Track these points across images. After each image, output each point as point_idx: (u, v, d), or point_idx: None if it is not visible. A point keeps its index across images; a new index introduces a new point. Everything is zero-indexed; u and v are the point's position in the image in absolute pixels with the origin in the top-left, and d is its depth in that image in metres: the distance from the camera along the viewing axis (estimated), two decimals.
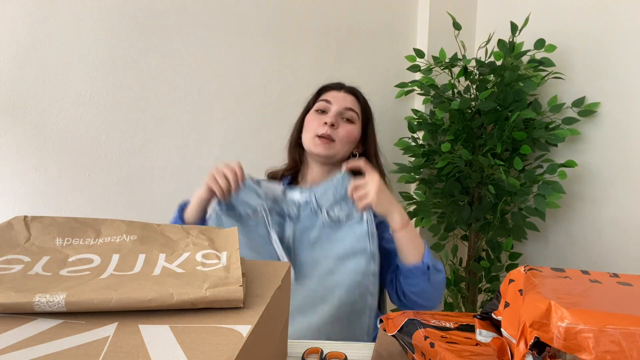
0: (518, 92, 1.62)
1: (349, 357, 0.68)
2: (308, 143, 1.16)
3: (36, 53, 1.27)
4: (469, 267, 1.81)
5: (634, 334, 0.38)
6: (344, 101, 1.18)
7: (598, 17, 1.65)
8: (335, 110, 1.15)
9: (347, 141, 1.16)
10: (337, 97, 1.18)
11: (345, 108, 1.16)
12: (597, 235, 1.71)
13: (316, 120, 1.16)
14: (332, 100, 1.17)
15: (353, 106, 1.18)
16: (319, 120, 1.15)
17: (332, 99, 1.18)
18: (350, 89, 1.23)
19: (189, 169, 1.53)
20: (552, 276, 0.49)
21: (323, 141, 1.12)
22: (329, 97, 1.19)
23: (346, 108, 1.17)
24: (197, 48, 1.50)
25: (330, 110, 1.16)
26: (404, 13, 1.95)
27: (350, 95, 1.21)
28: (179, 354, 0.37)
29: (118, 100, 1.39)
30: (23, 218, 0.55)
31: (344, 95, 1.20)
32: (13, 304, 0.41)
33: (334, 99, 1.18)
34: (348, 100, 1.19)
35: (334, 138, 1.13)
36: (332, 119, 1.13)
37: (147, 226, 0.58)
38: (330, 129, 1.12)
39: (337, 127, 1.14)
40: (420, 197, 1.81)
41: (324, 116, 1.16)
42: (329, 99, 1.18)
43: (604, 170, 1.67)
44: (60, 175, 1.34)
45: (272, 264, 0.61)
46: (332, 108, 1.16)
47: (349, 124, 1.16)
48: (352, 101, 1.20)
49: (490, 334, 0.49)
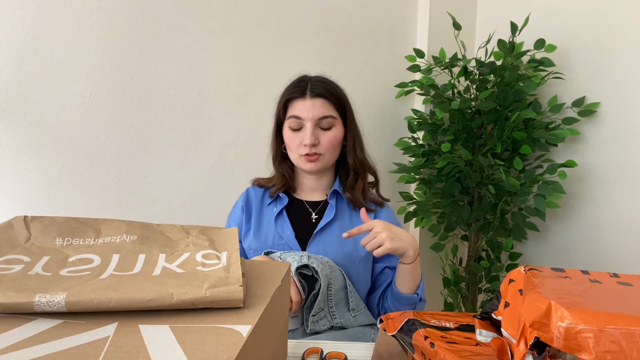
0: (518, 92, 1.62)
1: (349, 357, 0.68)
2: (297, 161, 1.11)
3: (36, 53, 1.27)
4: (469, 267, 1.81)
5: (634, 334, 0.38)
6: (314, 110, 1.07)
7: (598, 17, 1.65)
8: (310, 127, 1.07)
9: (333, 148, 1.10)
10: (305, 108, 1.07)
11: (320, 118, 1.07)
12: (597, 235, 1.71)
13: (295, 139, 1.09)
14: (302, 115, 1.07)
15: (326, 111, 1.08)
16: (298, 139, 1.08)
17: (302, 113, 1.07)
18: (316, 91, 1.09)
19: (189, 169, 1.53)
20: (552, 276, 0.49)
21: (310, 159, 1.08)
22: (298, 111, 1.08)
23: (320, 118, 1.07)
24: (197, 48, 1.50)
25: (305, 126, 1.07)
26: (404, 13, 1.95)
27: (318, 99, 1.08)
28: (179, 354, 0.37)
29: (118, 100, 1.39)
30: (23, 218, 0.55)
31: (312, 103, 1.08)
32: (13, 304, 0.41)
33: (304, 113, 1.07)
34: (317, 107, 1.08)
35: (319, 152, 1.08)
36: (311, 139, 1.06)
37: (147, 226, 0.58)
38: (314, 147, 1.07)
39: (318, 143, 1.08)
40: (420, 197, 1.81)
41: (300, 134, 1.08)
42: (298, 114, 1.08)
43: (604, 170, 1.67)
44: (60, 175, 1.34)
45: (272, 264, 0.61)
46: (305, 124, 1.07)
47: (329, 130, 1.09)
48: (322, 106, 1.08)
49: (490, 334, 0.49)
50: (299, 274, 0.93)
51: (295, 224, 1.11)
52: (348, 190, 1.14)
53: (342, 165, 1.17)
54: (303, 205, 1.15)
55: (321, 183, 1.16)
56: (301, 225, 1.12)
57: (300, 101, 1.09)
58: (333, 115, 1.09)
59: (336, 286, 0.99)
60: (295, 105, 1.09)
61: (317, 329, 0.95)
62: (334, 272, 1.00)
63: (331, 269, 0.99)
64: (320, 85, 1.10)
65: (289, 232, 1.10)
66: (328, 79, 1.14)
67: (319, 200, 1.16)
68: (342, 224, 1.11)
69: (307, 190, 1.17)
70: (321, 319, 0.96)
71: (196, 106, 1.52)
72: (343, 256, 1.07)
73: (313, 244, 1.08)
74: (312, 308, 0.94)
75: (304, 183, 1.17)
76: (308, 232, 1.10)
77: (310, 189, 1.17)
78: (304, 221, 1.13)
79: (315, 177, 1.15)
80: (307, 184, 1.17)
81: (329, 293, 0.97)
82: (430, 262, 2.00)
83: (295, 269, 0.92)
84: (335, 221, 1.11)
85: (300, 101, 1.09)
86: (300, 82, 1.12)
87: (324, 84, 1.11)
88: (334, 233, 1.09)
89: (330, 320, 0.97)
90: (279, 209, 1.13)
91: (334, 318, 0.97)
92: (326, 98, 1.09)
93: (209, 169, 1.57)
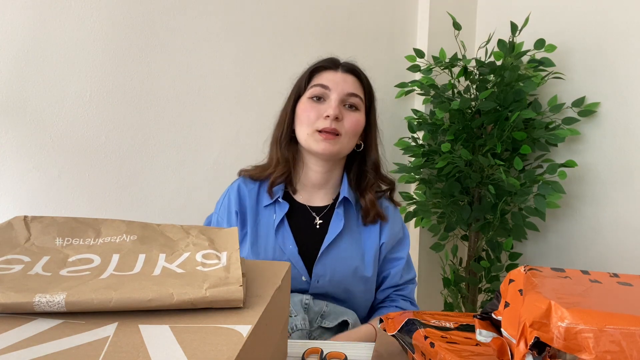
0: (518, 92, 1.62)
1: (349, 357, 0.68)
2: (307, 139, 0.97)
3: (36, 53, 1.27)
4: (469, 267, 1.81)
5: (634, 334, 0.38)
6: (345, 84, 0.98)
7: (598, 17, 1.65)
8: (336, 98, 0.96)
9: (354, 134, 0.99)
10: (335, 80, 0.98)
11: (348, 94, 0.97)
12: (597, 235, 1.71)
13: (314, 111, 0.96)
14: (331, 85, 0.97)
15: (356, 90, 0.99)
16: (317, 111, 0.96)
17: (330, 82, 0.98)
18: (349, 67, 1.02)
19: (189, 168, 1.53)
20: (552, 276, 0.49)
21: (327, 136, 0.95)
22: (326, 80, 0.98)
23: (348, 94, 0.98)
24: (197, 48, 1.50)
25: (330, 98, 0.97)
26: (404, 13, 1.94)
27: (350, 75, 1.00)
28: (179, 354, 0.37)
29: (118, 100, 1.39)
30: (23, 218, 0.55)
31: (343, 77, 0.99)
32: (13, 304, 0.41)
33: (332, 83, 0.97)
34: (349, 82, 0.99)
35: (339, 132, 0.96)
36: (336, 111, 0.94)
37: (147, 226, 0.58)
38: (335, 122, 0.95)
39: (341, 119, 0.96)
40: (420, 197, 1.81)
41: (322, 105, 0.97)
42: (325, 83, 0.98)
43: (604, 170, 1.67)
44: (60, 175, 1.34)
45: (272, 264, 0.61)
46: (331, 95, 0.97)
47: (353, 112, 0.98)
48: (353, 83, 1.00)
49: (490, 334, 0.49)
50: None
51: (297, 234, 0.99)
52: (367, 193, 1.02)
53: (353, 166, 1.06)
54: (305, 210, 1.02)
55: (329, 178, 1.03)
56: (304, 235, 0.99)
57: (330, 72, 1.00)
58: (361, 97, 1.00)
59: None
60: (324, 75, 1.00)
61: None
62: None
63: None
64: (353, 65, 1.03)
65: (292, 246, 0.97)
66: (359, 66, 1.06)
67: (323, 206, 1.03)
68: (351, 236, 1.00)
69: (311, 189, 1.03)
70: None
71: (196, 106, 1.52)
72: (349, 274, 0.98)
73: (320, 265, 0.97)
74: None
75: (308, 176, 1.03)
76: (313, 246, 0.98)
77: (314, 186, 1.03)
78: (307, 229, 1.00)
79: (322, 170, 1.01)
80: (312, 177, 1.02)
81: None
82: (430, 262, 2.00)
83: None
84: (344, 234, 0.99)
85: (330, 72, 1.00)
86: (332, 57, 1.04)
87: (356, 65, 1.04)
88: (342, 247, 0.98)
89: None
90: (280, 216, 0.98)
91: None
92: (359, 78, 1.01)
93: (209, 169, 1.57)
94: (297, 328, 0.89)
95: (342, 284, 0.98)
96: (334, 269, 0.97)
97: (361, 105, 1.00)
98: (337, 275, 0.97)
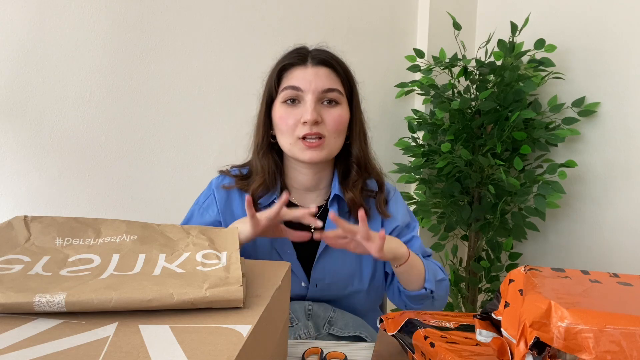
0: (518, 92, 1.62)
1: (349, 357, 0.68)
2: (291, 149, 0.89)
3: (36, 53, 1.27)
4: (469, 267, 1.81)
5: (634, 334, 0.38)
6: (318, 81, 0.87)
7: (598, 17, 1.65)
8: (311, 99, 0.86)
9: (339, 131, 0.90)
10: (307, 77, 0.87)
11: (323, 91, 0.87)
12: (597, 235, 1.71)
13: (290, 117, 0.87)
14: (302, 85, 0.87)
15: (332, 83, 0.88)
16: (293, 116, 0.87)
17: (301, 82, 0.87)
18: (319, 58, 0.89)
19: (189, 169, 1.53)
20: (552, 276, 0.49)
21: (311, 144, 0.86)
22: (296, 80, 0.88)
23: (324, 90, 0.87)
24: (197, 48, 1.50)
25: (305, 99, 0.87)
26: (404, 13, 1.94)
27: (322, 67, 0.89)
28: (179, 354, 0.37)
29: (118, 100, 1.39)
30: (23, 218, 0.55)
31: (315, 71, 0.88)
32: (13, 304, 0.41)
33: (304, 83, 0.87)
34: (322, 77, 0.87)
35: (322, 134, 0.87)
36: (313, 116, 0.85)
37: (147, 226, 0.58)
38: (315, 127, 0.86)
39: (322, 121, 0.87)
40: (420, 197, 1.81)
41: (298, 109, 0.87)
42: (296, 84, 0.87)
43: (604, 170, 1.67)
44: (60, 175, 1.34)
45: (272, 264, 0.61)
46: (305, 97, 0.87)
47: (333, 107, 0.88)
48: (327, 76, 0.88)
49: (490, 334, 0.49)
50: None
51: None
52: (350, 189, 0.93)
53: (342, 160, 0.96)
54: None
55: (319, 180, 0.96)
56: None
57: (299, 69, 0.89)
58: (339, 90, 0.89)
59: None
60: (293, 74, 0.89)
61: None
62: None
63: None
64: (325, 53, 0.91)
65: (290, 251, 0.92)
66: (331, 51, 0.94)
67: (318, 206, 0.97)
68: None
69: (302, 190, 0.96)
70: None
71: (196, 106, 1.52)
72: (348, 275, 0.96)
73: (318, 268, 0.94)
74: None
75: (298, 180, 0.95)
76: (310, 250, 0.94)
77: (305, 188, 0.96)
78: None
79: (313, 172, 0.94)
80: (302, 181, 0.95)
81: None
82: None
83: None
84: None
85: (299, 69, 0.89)
86: (298, 48, 0.92)
87: (328, 53, 0.91)
88: (338, 250, 0.90)
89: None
90: None
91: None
92: (333, 68, 0.89)
93: (209, 169, 1.57)
94: (301, 338, 0.86)
95: (343, 285, 0.96)
96: (333, 271, 0.94)
97: (341, 98, 0.90)
98: (336, 277, 0.94)
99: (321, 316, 0.93)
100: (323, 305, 0.95)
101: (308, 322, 0.90)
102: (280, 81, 0.91)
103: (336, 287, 0.96)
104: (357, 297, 0.98)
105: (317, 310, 0.93)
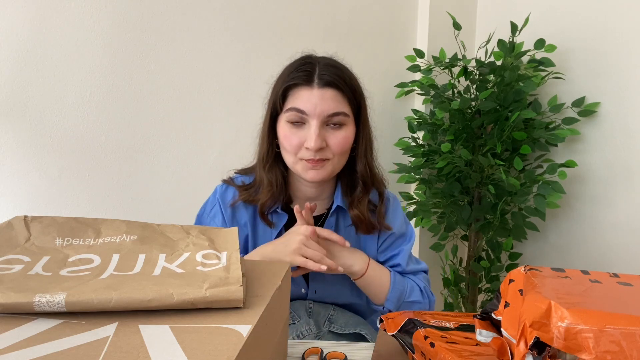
0: (518, 92, 1.62)
1: (349, 357, 0.68)
2: (293, 166, 0.90)
3: (36, 53, 1.27)
4: (469, 267, 1.81)
5: (634, 334, 0.38)
6: (324, 105, 0.85)
7: (598, 17, 1.65)
8: (316, 124, 0.85)
9: (344, 152, 0.90)
10: (312, 101, 0.85)
11: (329, 115, 0.86)
12: (597, 235, 1.71)
13: (295, 137, 0.86)
14: (308, 109, 0.85)
15: (338, 107, 0.86)
16: (298, 138, 0.86)
17: (307, 106, 0.85)
18: (326, 80, 0.86)
19: (189, 169, 1.53)
20: (552, 276, 0.49)
21: (314, 164, 0.86)
22: (302, 103, 0.85)
23: (329, 115, 0.86)
24: (197, 48, 1.50)
25: (310, 123, 0.86)
26: (404, 13, 1.94)
27: (329, 89, 0.86)
28: (179, 354, 0.37)
29: (118, 100, 1.39)
30: (23, 218, 0.55)
31: (321, 94, 0.85)
32: (13, 304, 0.41)
33: (310, 106, 0.85)
34: (328, 100, 0.85)
35: (327, 157, 0.87)
36: (317, 143, 0.84)
37: (147, 226, 0.58)
38: (319, 153, 0.86)
39: (326, 146, 0.87)
40: (420, 197, 1.81)
41: (303, 131, 0.86)
42: (301, 107, 0.85)
43: (604, 170, 1.67)
44: (60, 175, 1.34)
45: (272, 264, 0.61)
46: (310, 121, 0.85)
47: (339, 130, 0.88)
48: (334, 99, 0.86)
49: (490, 334, 0.49)
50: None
51: None
52: (355, 206, 0.93)
53: (346, 173, 0.96)
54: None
55: (322, 191, 0.97)
56: None
57: (305, 90, 0.86)
58: (345, 112, 0.87)
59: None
60: (299, 95, 0.86)
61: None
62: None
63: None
64: (332, 72, 0.87)
65: None
66: (340, 63, 0.91)
67: (319, 215, 0.98)
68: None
69: (304, 200, 0.96)
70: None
71: (196, 106, 1.52)
72: (345, 283, 0.96)
73: (317, 277, 0.95)
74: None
75: (301, 190, 0.96)
76: None
77: (307, 198, 0.96)
78: None
79: (315, 185, 0.94)
80: (305, 192, 0.96)
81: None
82: (430, 262, 2.00)
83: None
84: None
85: (305, 90, 0.86)
86: (305, 64, 0.89)
87: (335, 70, 0.88)
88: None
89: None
90: (278, 227, 0.94)
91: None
92: (339, 89, 0.87)
93: (209, 169, 1.57)
94: (303, 335, 0.87)
95: (340, 293, 0.98)
96: (331, 279, 0.95)
97: (347, 119, 0.89)
98: (334, 285, 0.96)
99: (322, 314, 0.95)
100: (324, 304, 0.96)
101: (309, 319, 0.91)
102: (285, 99, 0.89)
103: (334, 295, 0.98)
104: (359, 300, 1.00)
105: (318, 309, 0.95)
